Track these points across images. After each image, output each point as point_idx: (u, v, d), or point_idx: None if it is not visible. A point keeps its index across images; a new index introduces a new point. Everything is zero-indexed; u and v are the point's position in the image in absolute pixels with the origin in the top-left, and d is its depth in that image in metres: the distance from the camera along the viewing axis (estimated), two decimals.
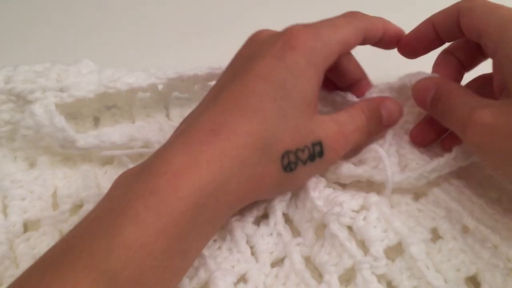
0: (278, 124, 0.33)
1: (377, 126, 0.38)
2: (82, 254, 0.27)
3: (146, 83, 0.43)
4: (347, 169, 0.38)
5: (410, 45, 0.40)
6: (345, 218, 0.34)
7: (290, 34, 0.35)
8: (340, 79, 0.42)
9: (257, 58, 0.34)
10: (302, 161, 0.34)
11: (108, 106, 0.45)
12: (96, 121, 0.45)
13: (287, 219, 0.38)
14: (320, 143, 0.35)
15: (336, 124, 0.36)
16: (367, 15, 0.39)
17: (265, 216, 0.38)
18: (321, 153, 0.35)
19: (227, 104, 0.33)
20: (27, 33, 0.62)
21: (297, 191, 0.38)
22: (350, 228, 0.34)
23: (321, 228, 0.36)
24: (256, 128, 0.32)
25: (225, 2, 0.65)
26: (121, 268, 0.27)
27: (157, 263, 0.28)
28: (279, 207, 0.37)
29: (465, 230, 0.35)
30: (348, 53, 0.40)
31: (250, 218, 0.37)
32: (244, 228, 0.37)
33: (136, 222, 0.28)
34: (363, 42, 0.39)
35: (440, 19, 0.38)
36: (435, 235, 0.35)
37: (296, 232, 0.37)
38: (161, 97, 0.45)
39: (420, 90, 0.37)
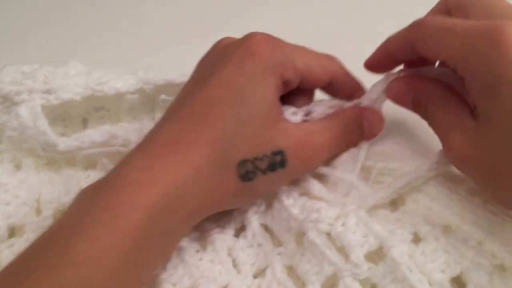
0: (236, 131, 0.33)
1: (358, 137, 0.37)
2: (35, 273, 0.27)
3: (133, 88, 0.42)
4: (319, 191, 0.37)
5: (375, 65, 0.38)
6: (323, 224, 0.33)
7: (251, 41, 0.34)
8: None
9: (218, 66, 0.34)
10: (261, 170, 0.33)
11: (97, 107, 0.45)
12: (85, 123, 0.45)
13: (268, 230, 0.37)
14: (281, 152, 0.34)
15: (305, 133, 0.35)
16: (345, 67, 0.38)
17: (244, 229, 0.38)
18: (283, 163, 0.34)
19: (187, 113, 0.33)
20: (27, 33, 0.62)
21: (271, 200, 0.37)
22: (329, 234, 0.33)
23: (302, 236, 0.35)
24: (214, 137, 0.32)
25: (225, 2, 0.65)
26: (74, 285, 0.26)
27: (110, 279, 0.28)
28: (254, 218, 0.37)
29: (447, 230, 0.34)
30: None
31: (230, 230, 0.37)
32: (224, 240, 0.36)
33: (88, 239, 0.28)
34: (329, 89, 0.39)
35: (394, 48, 0.36)
36: (417, 238, 0.34)
37: (278, 242, 0.37)
38: (148, 100, 0.44)
39: (397, 95, 0.36)
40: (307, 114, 0.38)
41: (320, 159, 0.36)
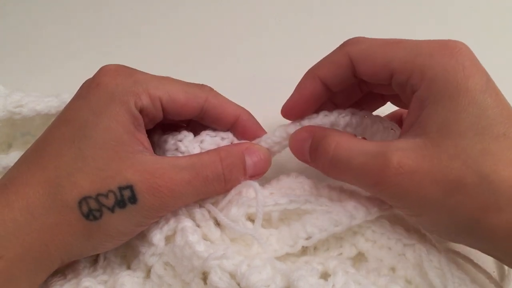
0: (75, 168, 0.30)
1: (239, 175, 0.34)
2: None
3: (55, 110, 0.40)
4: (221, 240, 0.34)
5: (297, 108, 0.36)
6: (229, 262, 0.30)
7: (99, 72, 0.33)
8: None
9: (68, 102, 0.33)
10: (108, 208, 0.30)
11: (23, 132, 0.42)
12: (10, 148, 0.43)
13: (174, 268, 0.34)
14: (130, 187, 0.30)
15: (161, 166, 0.31)
16: (220, 95, 0.36)
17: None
18: (133, 199, 0.30)
19: (28, 153, 0.32)
20: (26, 33, 0.59)
21: (174, 235, 0.34)
22: (233, 275, 0.30)
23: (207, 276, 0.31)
24: (49, 175, 0.30)
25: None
26: None
27: None
28: (153, 260, 0.34)
29: (359, 258, 0.34)
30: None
31: (140, 273, 0.34)
32: (133, 284, 0.33)
33: None
34: (205, 118, 0.36)
35: (327, 73, 0.34)
36: (326, 275, 0.32)
37: (186, 284, 0.33)
38: None
39: (296, 142, 0.35)
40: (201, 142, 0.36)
41: (180, 196, 0.32)
